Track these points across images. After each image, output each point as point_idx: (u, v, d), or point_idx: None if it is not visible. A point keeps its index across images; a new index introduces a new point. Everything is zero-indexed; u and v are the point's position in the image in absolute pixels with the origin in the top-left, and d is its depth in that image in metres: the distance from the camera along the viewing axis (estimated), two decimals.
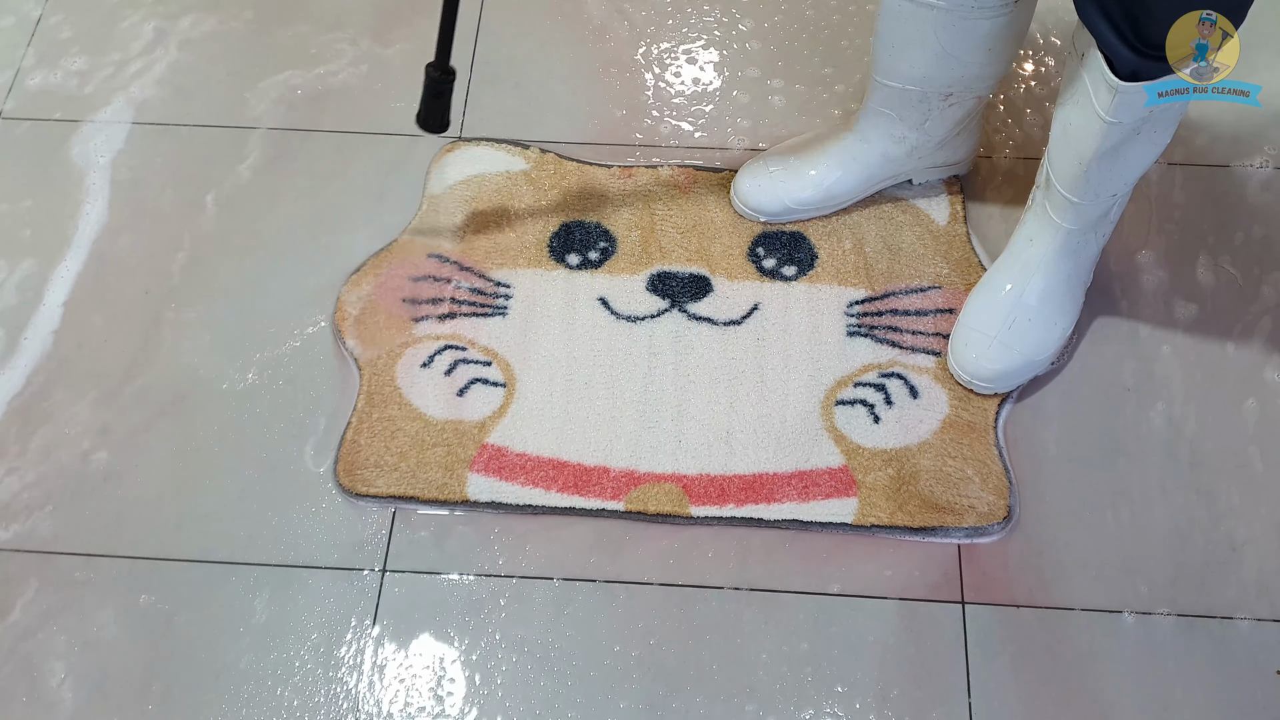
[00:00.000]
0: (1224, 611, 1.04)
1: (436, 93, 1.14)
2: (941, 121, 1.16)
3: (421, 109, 1.16)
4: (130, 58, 1.42)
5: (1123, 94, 0.92)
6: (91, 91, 1.39)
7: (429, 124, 1.17)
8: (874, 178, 1.24)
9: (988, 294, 1.14)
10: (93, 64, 1.41)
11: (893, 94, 1.14)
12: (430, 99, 1.15)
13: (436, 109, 1.16)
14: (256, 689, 1.02)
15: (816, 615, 1.04)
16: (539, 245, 1.25)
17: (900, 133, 1.18)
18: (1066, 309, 1.14)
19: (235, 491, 1.12)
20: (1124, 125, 0.96)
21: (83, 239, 1.27)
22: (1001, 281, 1.14)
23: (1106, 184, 1.04)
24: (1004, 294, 1.13)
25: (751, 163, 1.26)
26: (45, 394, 1.18)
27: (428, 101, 1.15)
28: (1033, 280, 1.12)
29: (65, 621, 1.05)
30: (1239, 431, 1.13)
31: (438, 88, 1.14)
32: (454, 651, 1.04)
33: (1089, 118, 0.97)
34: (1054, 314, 1.13)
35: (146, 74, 1.40)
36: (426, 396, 1.16)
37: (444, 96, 1.15)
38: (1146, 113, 0.94)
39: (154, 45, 1.43)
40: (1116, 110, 0.94)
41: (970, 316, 1.14)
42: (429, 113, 1.16)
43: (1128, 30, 0.89)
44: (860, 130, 1.21)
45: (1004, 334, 1.12)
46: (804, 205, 1.24)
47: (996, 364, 1.12)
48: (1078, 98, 0.98)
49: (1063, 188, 1.05)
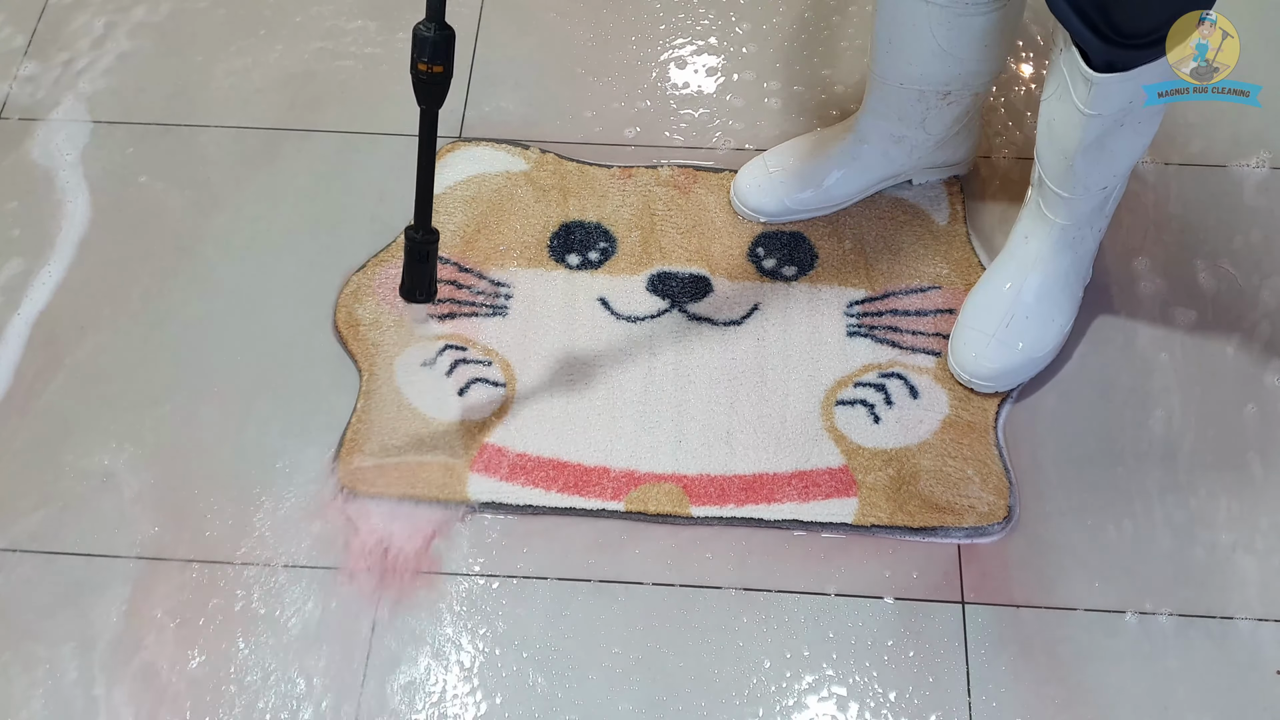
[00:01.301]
0: (1224, 611, 1.04)
1: (420, 256, 1.02)
2: (940, 120, 1.17)
3: (405, 277, 1.03)
4: (80, 54, 1.42)
5: (1099, 86, 0.92)
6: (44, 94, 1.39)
7: (414, 294, 1.03)
8: (874, 178, 1.24)
9: (986, 293, 1.15)
10: (44, 67, 1.41)
11: (891, 92, 1.14)
12: (413, 264, 1.02)
13: (422, 275, 1.03)
14: (256, 690, 1.02)
15: (816, 615, 1.04)
16: (539, 245, 1.25)
17: (900, 132, 1.19)
18: (1064, 305, 1.14)
19: (235, 491, 1.12)
20: (1105, 117, 0.96)
21: (68, 239, 1.27)
22: (999, 280, 1.14)
23: (1095, 177, 1.04)
24: (1002, 292, 1.13)
25: (751, 163, 1.26)
26: (45, 392, 1.17)
27: (410, 268, 1.02)
28: (1030, 277, 1.12)
29: (65, 621, 1.05)
30: (1238, 431, 1.13)
31: (420, 251, 1.01)
32: (454, 652, 1.03)
33: (1069, 111, 0.97)
34: (1052, 310, 1.13)
35: (94, 68, 1.40)
36: (426, 396, 1.15)
37: (429, 261, 1.02)
38: (1127, 104, 0.94)
39: (103, 40, 1.43)
40: (1094, 102, 0.94)
41: (969, 316, 1.14)
42: (414, 280, 1.03)
43: (1099, 20, 0.89)
44: (860, 130, 1.21)
45: (1002, 332, 1.12)
46: (804, 206, 1.24)
47: (995, 362, 1.12)
48: (1058, 92, 0.98)
49: (1053, 183, 1.06)
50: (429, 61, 0.91)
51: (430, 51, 0.90)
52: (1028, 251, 1.12)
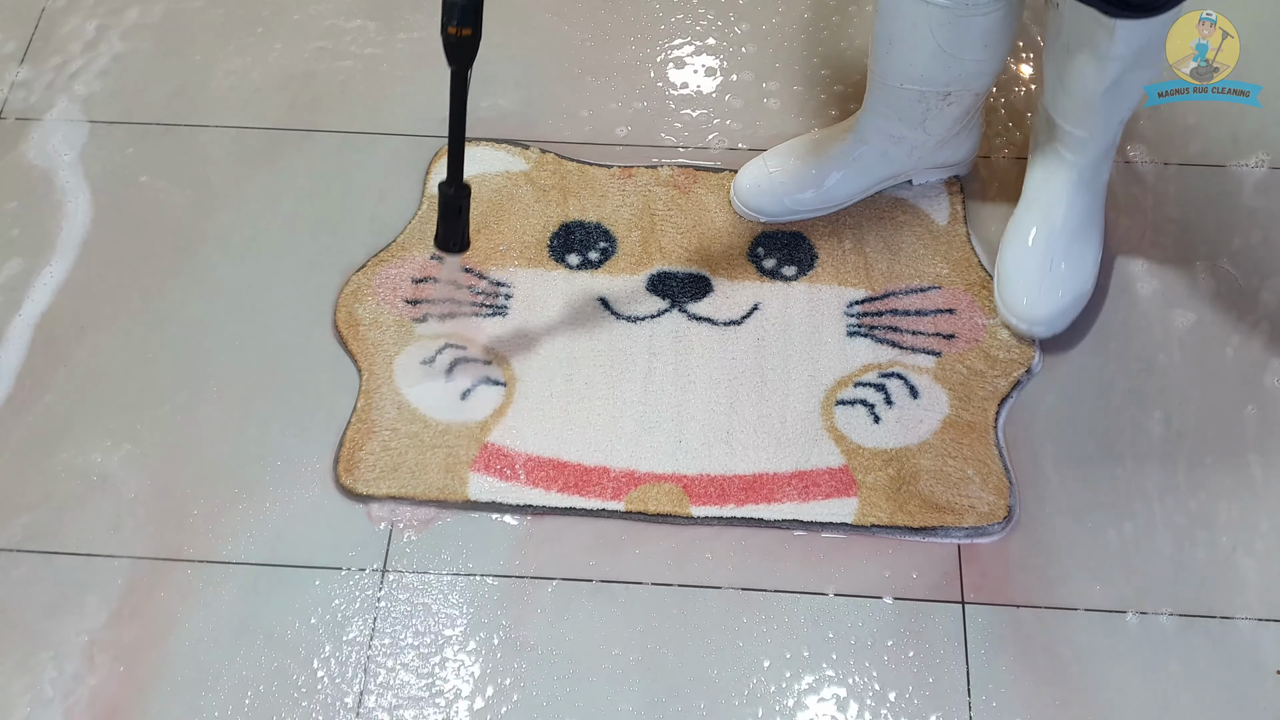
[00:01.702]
0: (1224, 611, 1.04)
1: (454, 210, 1.07)
2: (941, 120, 1.17)
3: (439, 229, 1.09)
4: (74, 56, 1.42)
5: (1122, 29, 0.95)
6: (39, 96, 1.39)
7: (449, 245, 1.10)
8: (874, 178, 1.24)
9: (1018, 244, 1.18)
10: (38, 71, 1.41)
11: (891, 93, 1.14)
12: (447, 218, 1.08)
13: (456, 227, 1.09)
14: (256, 690, 1.02)
15: (816, 616, 1.04)
16: (539, 245, 1.25)
17: (900, 132, 1.19)
18: (1093, 239, 1.18)
19: (235, 491, 1.12)
20: (1125, 58, 0.99)
21: (69, 239, 1.27)
22: (1027, 229, 1.17)
23: (1116, 111, 1.08)
24: (1034, 240, 1.16)
25: (751, 164, 1.26)
26: (44, 392, 1.17)
27: (444, 221, 1.08)
28: (1059, 220, 1.16)
29: (65, 621, 1.05)
30: (1238, 431, 1.13)
31: (452, 206, 1.07)
32: (454, 653, 1.03)
33: (1086, 61, 1.01)
34: (1084, 247, 1.17)
35: (90, 69, 1.40)
36: (426, 397, 1.15)
37: (462, 214, 1.08)
38: (1145, 40, 0.96)
39: (96, 42, 1.43)
40: (1117, 47, 0.97)
41: (1008, 269, 1.17)
42: (448, 232, 1.09)
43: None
44: (860, 131, 1.21)
45: (1047, 277, 1.15)
46: (804, 206, 1.24)
47: (1049, 306, 1.15)
48: (1070, 44, 1.01)
49: (1072, 126, 1.10)
50: (458, 25, 0.94)
51: (459, 15, 0.94)
52: (1051, 195, 1.16)
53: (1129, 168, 1.28)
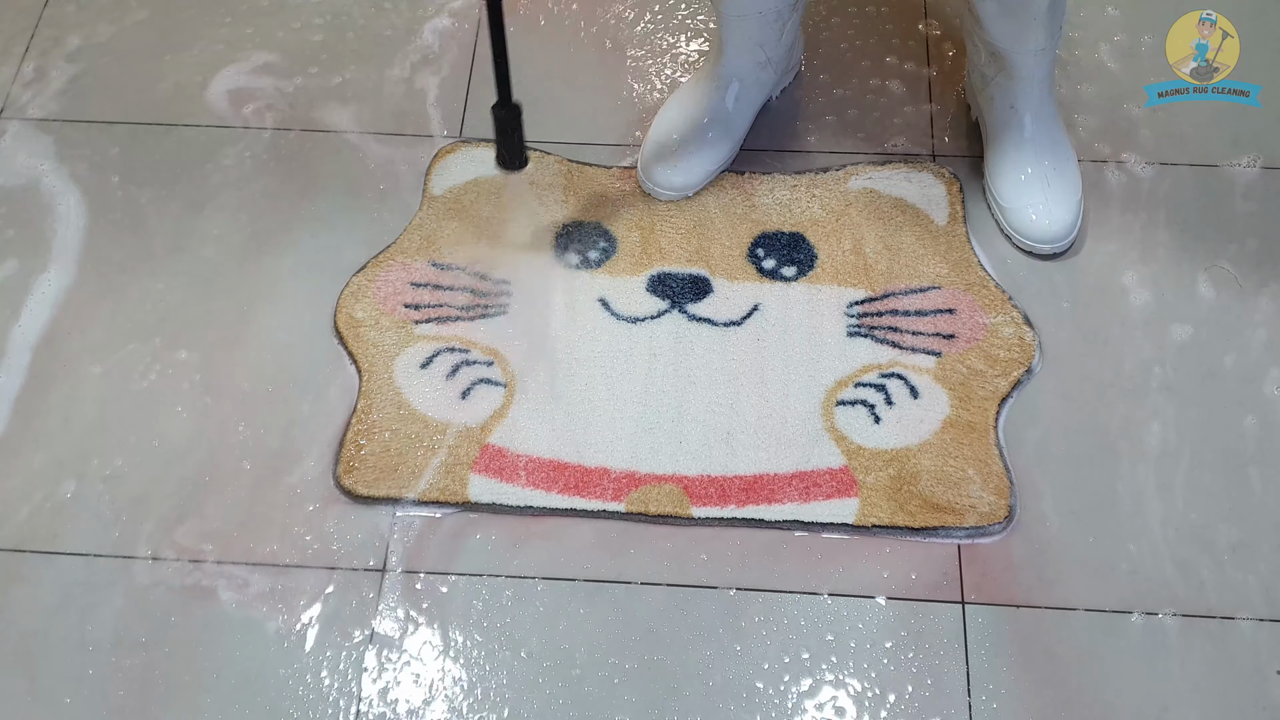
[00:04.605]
0: (1224, 611, 1.04)
1: (508, 129, 1.13)
2: (793, 26, 1.25)
3: (498, 149, 1.15)
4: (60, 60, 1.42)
5: None
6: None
7: (509, 163, 1.16)
8: (756, 105, 1.30)
9: (1010, 176, 1.22)
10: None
11: (749, 23, 1.19)
12: (503, 137, 1.13)
13: (512, 145, 1.14)
14: (256, 690, 1.02)
15: (817, 616, 1.05)
16: (539, 246, 1.25)
17: (764, 56, 1.24)
18: (1065, 140, 1.24)
19: (235, 491, 1.11)
20: None
21: (65, 242, 1.27)
22: (1013, 158, 1.22)
23: (1058, 14, 1.13)
24: (1024, 164, 1.21)
25: (649, 149, 1.27)
26: (43, 390, 1.17)
27: (501, 140, 1.14)
28: (1036, 138, 1.21)
29: (65, 621, 1.05)
30: (1238, 429, 1.13)
31: (505, 126, 1.12)
32: (454, 653, 1.03)
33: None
34: (1064, 150, 1.23)
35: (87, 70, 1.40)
36: (427, 397, 1.15)
37: (516, 133, 1.13)
38: None
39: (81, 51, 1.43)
40: None
41: (1010, 199, 1.22)
42: (508, 150, 1.14)
43: None
44: (726, 71, 1.24)
45: (1048, 194, 1.20)
46: (724, 160, 1.28)
47: (1062, 219, 1.20)
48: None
49: (1029, 47, 1.14)
50: None
51: None
52: (1023, 118, 1.21)
53: (1128, 169, 1.28)
